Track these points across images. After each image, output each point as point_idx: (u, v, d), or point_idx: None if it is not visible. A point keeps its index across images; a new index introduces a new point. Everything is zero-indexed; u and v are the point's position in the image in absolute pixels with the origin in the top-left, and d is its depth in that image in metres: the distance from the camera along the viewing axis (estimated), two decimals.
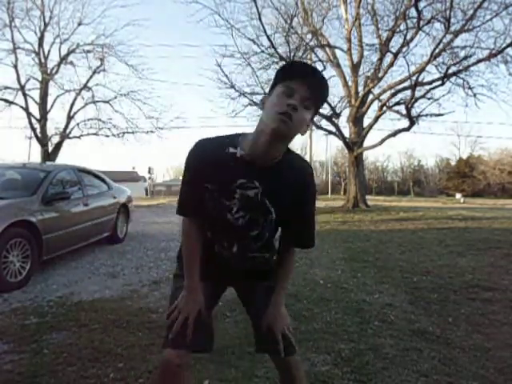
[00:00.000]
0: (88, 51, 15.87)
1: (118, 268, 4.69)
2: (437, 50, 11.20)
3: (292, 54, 11.82)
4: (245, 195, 1.20)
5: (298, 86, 1.10)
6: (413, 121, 11.93)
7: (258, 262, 1.36)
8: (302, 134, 1.19)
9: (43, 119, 15.74)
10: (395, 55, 12.17)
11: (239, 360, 2.28)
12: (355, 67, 13.72)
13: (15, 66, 14.99)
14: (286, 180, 1.21)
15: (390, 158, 69.10)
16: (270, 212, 1.23)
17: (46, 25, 15.58)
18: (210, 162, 1.19)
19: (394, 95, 12.82)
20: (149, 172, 30.72)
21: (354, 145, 13.43)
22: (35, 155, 26.87)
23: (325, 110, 13.72)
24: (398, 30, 12.13)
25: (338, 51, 14.17)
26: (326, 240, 6.81)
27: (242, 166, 1.18)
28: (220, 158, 1.19)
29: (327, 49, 13.87)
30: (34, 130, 15.59)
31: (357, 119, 13.58)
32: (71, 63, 15.91)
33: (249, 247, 1.31)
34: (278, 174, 1.20)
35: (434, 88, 12.04)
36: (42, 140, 15.66)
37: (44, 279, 4.12)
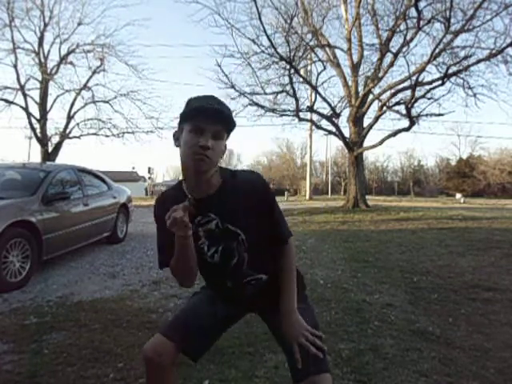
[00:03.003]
0: (88, 51, 15.89)
1: (118, 268, 4.69)
2: (437, 50, 11.20)
3: (292, 54, 11.82)
4: (207, 230, 1.24)
5: (204, 123, 1.13)
6: (413, 121, 11.92)
7: (259, 285, 1.30)
8: (222, 157, 1.23)
9: (43, 119, 15.74)
10: (395, 55, 12.16)
11: (239, 360, 2.28)
12: (355, 67, 13.71)
13: (15, 66, 15.01)
14: (237, 198, 1.23)
15: (390, 158, 69.03)
16: (237, 234, 1.24)
17: (45, 25, 15.58)
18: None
19: (394, 95, 12.80)
20: (149, 172, 30.74)
21: (354, 145, 13.43)
22: (35, 155, 26.93)
23: (325, 110, 13.77)
24: (398, 29, 12.12)
25: (338, 51, 14.18)
26: (326, 240, 6.81)
27: (194, 207, 1.19)
28: (176, 203, 1.19)
29: (327, 49, 13.86)
30: (33, 129, 15.60)
31: (357, 119, 13.58)
32: (71, 63, 15.92)
33: (239, 276, 1.29)
34: (227, 197, 1.22)
35: (434, 88, 12.03)
36: (42, 140, 15.67)
37: (44, 279, 4.12)
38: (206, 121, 1.13)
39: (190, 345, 1.30)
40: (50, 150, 15.68)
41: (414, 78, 11.71)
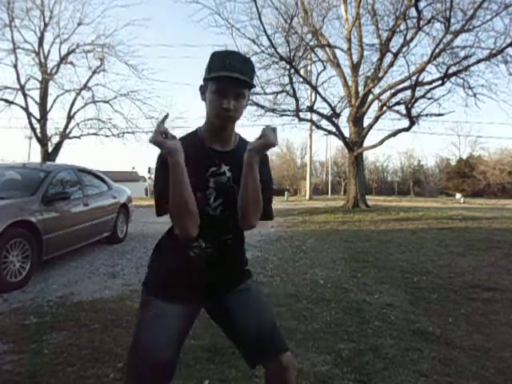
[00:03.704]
0: (88, 51, 15.86)
1: (118, 268, 4.70)
2: (437, 50, 11.20)
3: (292, 54, 11.82)
4: (218, 182, 1.26)
5: (226, 86, 1.18)
6: (413, 121, 11.92)
7: (231, 245, 1.33)
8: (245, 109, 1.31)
9: (43, 119, 15.73)
10: (395, 55, 12.16)
11: (239, 360, 2.27)
12: (355, 67, 13.71)
13: (15, 66, 14.99)
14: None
15: (390, 158, 68.98)
16: (237, 193, 1.28)
17: (45, 25, 15.57)
18: (185, 155, 1.22)
19: (394, 95, 12.80)
20: (149, 172, 30.74)
21: (354, 145, 13.43)
22: (35, 155, 26.94)
23: (325, 110, 13.77)
24: (398, 29, 12.12)
25: (338, 51, 14.18)
26: (326, 240, 6.81)
27: (211, 155, 1.26)
28: (191, 150, 1.22)
29: (327, 49, 13.86)
30: (33, 129, 15.59)
31: (357, 119, 13.58)
32: (71, 63, 15.90)
33: (223, 232, 1.30)
34: (239, 157, 1.27)
35: (434, 88, 12.04)
36: (42, 140, 15.66)
37: (44, 279, 4.12)
38: (228, 84, 1.18)
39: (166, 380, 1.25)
40: (50, 150, 15.67)
41: (413, 78, 11.71)
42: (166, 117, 1.20)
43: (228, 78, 1.16)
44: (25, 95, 15.27)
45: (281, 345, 1.33)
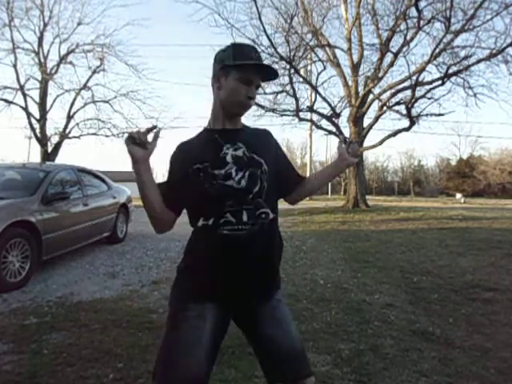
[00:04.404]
0: (88, 51, 15.87)
1: (118, 268, 4.69)
2: (437, 50, 11.19)
3: (292, 54, 11.81)
4: (235, 156, 1.29)
5: (253, 76, 1.26)
6: (413, 121, 11.92)
7: (265, 224, 1.25)
8: None
9: (43, 119, 15.72)
10: (395, 55, 12.15)
11: (239, 360, 2.28)
12: (355, 67, 13.71)
13: (15, 66, 14.99)
14: (258, 138, 1.38)
15: (390, 158, 69.00)
16: (261, 163, 1.31)
17: (45, 24, 15.57)
18: (194, 147, 1.32)
19: (394, 95, 12.79)
20: None
21: None
22: (35, 155, 26.90)
23: (325, 110, 13.77)
24: (398, 29, 12.11)
25: (338, 51, 14.17)
26: (326, 240, 6.81)
27: (222, 136, 1.30)
28: (201, 140, 1.33)
29: (327, 48, 13.85)
30: (33, 129, 15.58)
31: (357, 119, 13.57)
32: (71, 63, 15.90)
33: (257, 205, 1.26)
34: (250, 135, 1.36)
35: (434, 88, 12.03)
36: (42, 140, 15.65)
37: (44, 279, 4.11)
38: (255, 74, 1.26)
39: None
40: (49, 149, 15.66)
41: (414, 77, 11.70)
42: (153, 128, 1.22)
43: (260, 67, 1.24)
44: (24, 95, 15.27)
45: (309, 367, 1.30)
